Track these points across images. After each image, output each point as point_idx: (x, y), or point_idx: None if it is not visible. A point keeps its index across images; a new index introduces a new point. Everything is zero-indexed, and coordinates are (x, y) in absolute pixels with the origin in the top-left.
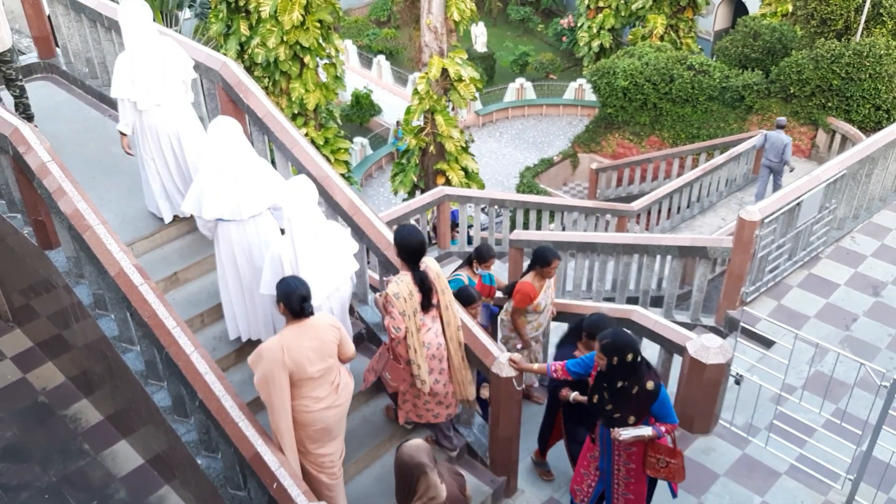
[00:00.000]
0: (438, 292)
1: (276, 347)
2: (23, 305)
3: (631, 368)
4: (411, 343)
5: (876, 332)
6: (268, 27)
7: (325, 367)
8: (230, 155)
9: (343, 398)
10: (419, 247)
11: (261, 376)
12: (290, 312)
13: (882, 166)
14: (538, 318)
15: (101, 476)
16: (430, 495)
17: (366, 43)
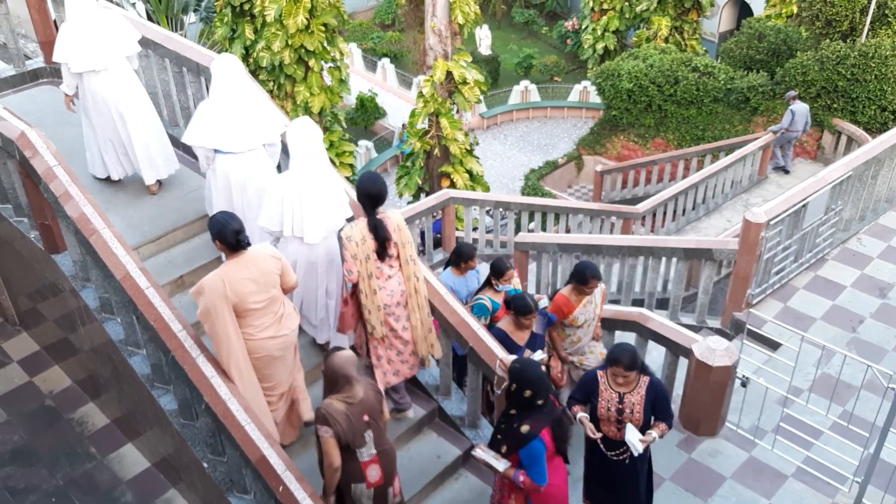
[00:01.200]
0: (399, 245)
1: (216, 280)
2: (29, 309)
3: (522, 403)
4: (363, 288)
5: (883, 334)
6: (272, 31)
7: (268, 297)
8: (229, 89)
9: (287, 329)
10: (377, 193)
11: (203, 309)
12: (227, 247)
13: (888, 167)
14: (576, 332)
15: (107, 479)
16: (348, 394)
17: (370, 46)
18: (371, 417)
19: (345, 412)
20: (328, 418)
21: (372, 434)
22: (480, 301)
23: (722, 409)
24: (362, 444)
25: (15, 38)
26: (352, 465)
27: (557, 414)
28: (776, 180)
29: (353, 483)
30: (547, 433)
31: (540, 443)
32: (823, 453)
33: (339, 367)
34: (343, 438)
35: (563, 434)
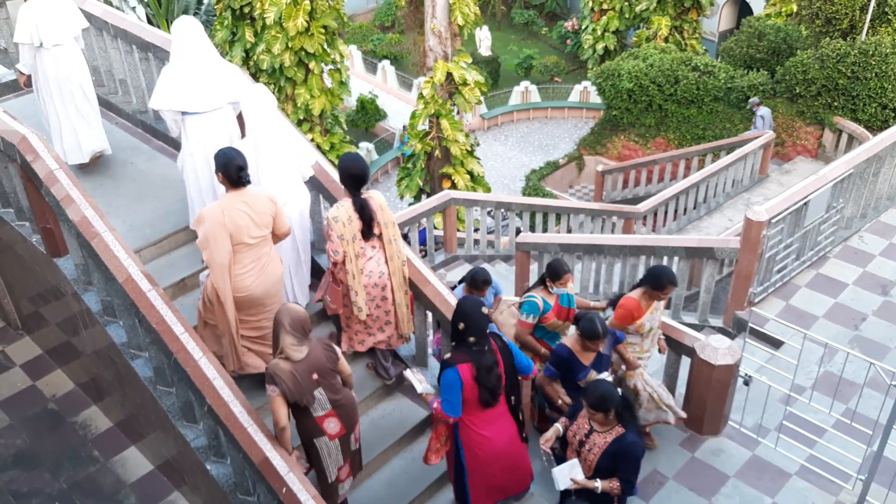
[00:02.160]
0: (381, 224)
1: (216, 209)
2: (32, 313)
3: (456, 336)
4: (349, 268)
5: (885, 332)
6: (273, 33)
7: (261, 235)
8: (190, 51)
9: (267, 274)
10: (360, 174)
11: (203, 236)
12: (229, 181)
13: (889, 165)
14: (641, 342)
15: (111, 482)
16: (285, 350)
17: (370, 48)
18: (321, 376)
19: (291, 371)
20: (274, 377)
21: (323, 391)
22: (532, 299)
23: (725, 408)
24: (312, 402)
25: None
26: (308, 421)
27: (487, 360)
28: (777, 179)
29: (314, 438)
30: (467, 370)
31: (455, 373)
32: (827, 451)
33: (276, 323)
34: (290, 397)
35: (486, 380)
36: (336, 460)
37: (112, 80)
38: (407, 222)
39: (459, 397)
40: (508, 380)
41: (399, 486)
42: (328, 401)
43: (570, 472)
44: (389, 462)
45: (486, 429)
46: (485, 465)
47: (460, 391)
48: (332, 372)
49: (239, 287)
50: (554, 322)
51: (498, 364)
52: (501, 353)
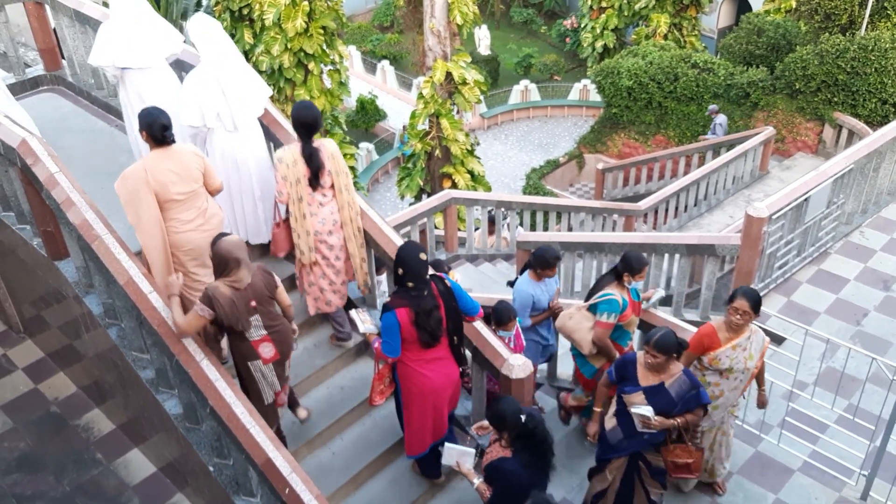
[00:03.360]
0: (332, 174)
1: (139, 168)
2: (33, 316)
3: (397, 281)
4: (293, 211)
5: (887, 327)
6: (272, 35)
7: (189, 190)
8: (127, 7)
9: (211, 225)
10: (312, 122)
11: (126, 196)
12: (153, 140)
13: (890, 160)
14: (720, 382)
15: (114, 485)
16: (234, 278)
17: (369, 48)
18: (259, 303)
19: (230, 297)
20: (212, 301)
21: (260, 318)
22: (610, 297)
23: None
24: (248, 328)
25: (15, 46)
26: (243, 345)
27: (426, 304)
28: (778, 175)
29: (248, 362)
30: (405, 313)
31: (392, 317)
32: (830, 447)
33: (226, 251)
34: (226, 321)
35: (424, 323)
36: (272, 384)
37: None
38: (408, 222)
39: (398, 339)
40: (451, 321)
41: (403, 483)
42: (263, 326)
43: (460, 456)
44: (352, 425)
45: (425, 368)
46: (422, 402)
47: (398, 333)
48: (270, 299)
49: (182, 241)
50: (632, 319)
51: (438, 307)
52: (443, 296)
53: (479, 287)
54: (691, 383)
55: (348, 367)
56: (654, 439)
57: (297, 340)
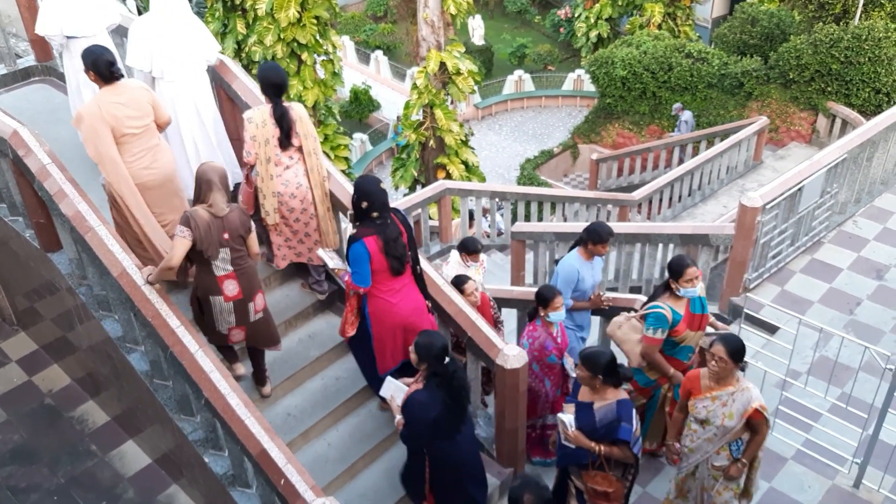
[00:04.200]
0: (301, 136)
1: (93, 105)
2: (27, 308)
3: (360, 214)
4: (260, 172)
5: (880, 316)
6: (264, 25)
7: (143, 125)
8: None
9: (160, 163)
10: (280, 81)
11: (85, 133)
12: (101, 77)
13: (883, 149)
14: (697, 429)
15: (109, 476)
16: (211, 202)
17: (363, 38)
18: (231, 237)
19: (207, 221)
20: (190, 221)
21: (229, 252)
22: (658, 310)
23: None
24: (216, 257)
25: (5, 36)
26: (208, 277)
27: (392, 232)
28: (771, 164)
29: (210, 296)
30: (373, 242)
31: (362, 246)
32: (823, 435)
33: (201, 172)
34: (199, 244)
35: (392, 250)
36: (227, 320)
37: None
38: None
39: (367, 268)
40: (412, 249)
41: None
42: (231, 262)
43: (396, 391)
44: (348, 416)
45: (393, 297)
46: (390, 329)
47: (368, 263)
48: (242, 238)
49: (139, 175)
50: (686, 335)
51: (402, 234)
52: (403, 224)
53: None
54: (616, 414)
55: (342, 359)
56: (577, 456)
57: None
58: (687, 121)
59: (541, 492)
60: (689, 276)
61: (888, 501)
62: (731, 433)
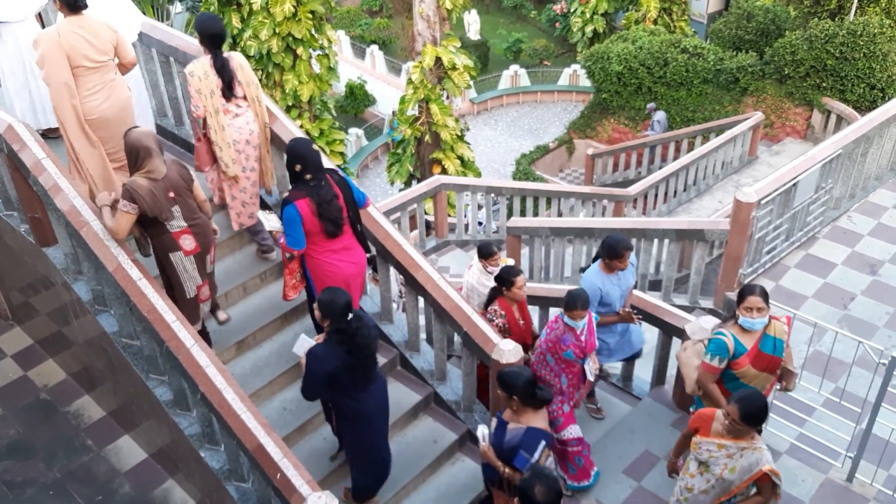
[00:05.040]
0: (244, 84)
1: (53, 31)
2: (22, 303)
3: (294, 177)
4: (212, 124)
5: (874, 311)
6: (259, 19)
7: (101, 61)
8: None
9: (115, 98)
10: (218, 32)
11: (40, 55)
12: (66, 6)
13: (877, 145)
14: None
15: (105, 471)
16: (149, 168)
17: (358, 33)
18: (177, 194)
19: (149, 188)
20: (133, 194)
21: (180, 209)
22: (720, 337)
23: None
24: (171, 218)
25: None
26: (164, 237)
27: (326, 194)
28: (766, 160)
29: (170, 253)
30: (305, 205)
31: (293, 209)
32: (816, 430)
33: (134, 140)
34: (150, 212)
35: (326, 212)
36: (193, 277)
37: None
38: (398, 208)
39: (301, 231)
40: (351, 210)
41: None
42: (184, 218)
43: (303, 347)
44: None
45: (332, 257)
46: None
47: (301, 225)
48: (188, 191)
49: (88, 109)
50: (747, 371)
51: (337, 197)
52: (340, 185)
53: None
54: (520, 440)
55: None
56: (489, 471)
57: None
58: (660, 120)
59: (551, 484)
60: (750, 303)
61: (881, 495)
62: (730, 490)
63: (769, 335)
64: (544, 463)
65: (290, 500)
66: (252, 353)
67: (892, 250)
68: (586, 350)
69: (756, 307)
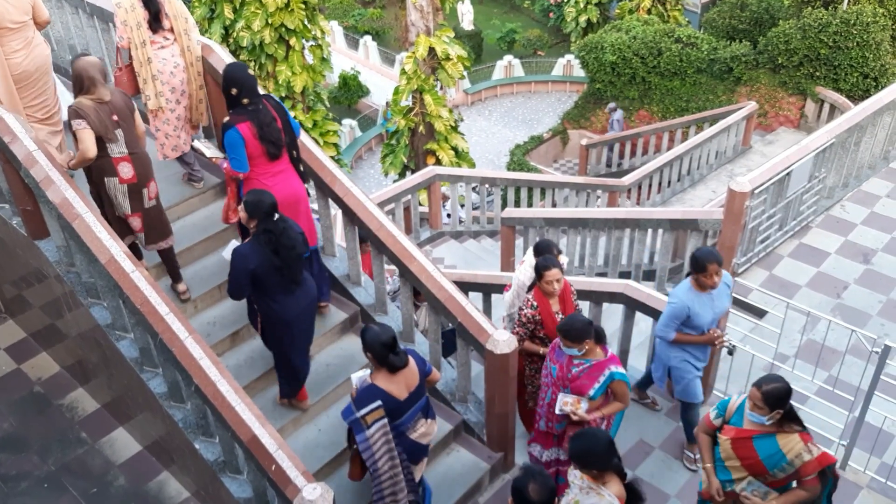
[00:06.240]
0: (171, 17)
1: None
2: (14, 296)
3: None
4: (137, 56)
5: (867, 299)
6: (252, 10)
7: (21, 21)
8: None
9: (36, 53)
10: None
11: None
12: None
13: (870, 134)
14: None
15: (99, 464)
16: (94, 95)
17: (351, 24)
18: (121, 118)
19: (94, 107)
20: (79, 112)
21: (123, 134)
22: (730, 396)
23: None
24: (114, 140)
25: None
26: (104, 160)
27: (265, 117)
28: (760, 150)
29: (105, 177)
30: (247, 128)
31: (235, 132)
32: (810, 418)
33: (80, 68)
34: (95, 130)
35: (267, 134)
36: (123, 205)
37: None
38: (392, 199)
39: (244, 154)
40: (288, 135)
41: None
42: (126, 144)
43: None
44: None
45: (270, 180)
46: None
47: (244, 148)
48: (130, 117)
49: (13, 65)
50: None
51: (275, 120)
52: (277, 110)
53: (462, 263)
54: (358, 393)
55: (333, 345)
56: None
57: None
58: (619, 119)
59: (545, 481)
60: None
61: (874, 482)
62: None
63: (775, 440)
64: (370, 425)
65: (285, 492)
66: (246, 345)
67: (884, 239)
68: (563, 380)
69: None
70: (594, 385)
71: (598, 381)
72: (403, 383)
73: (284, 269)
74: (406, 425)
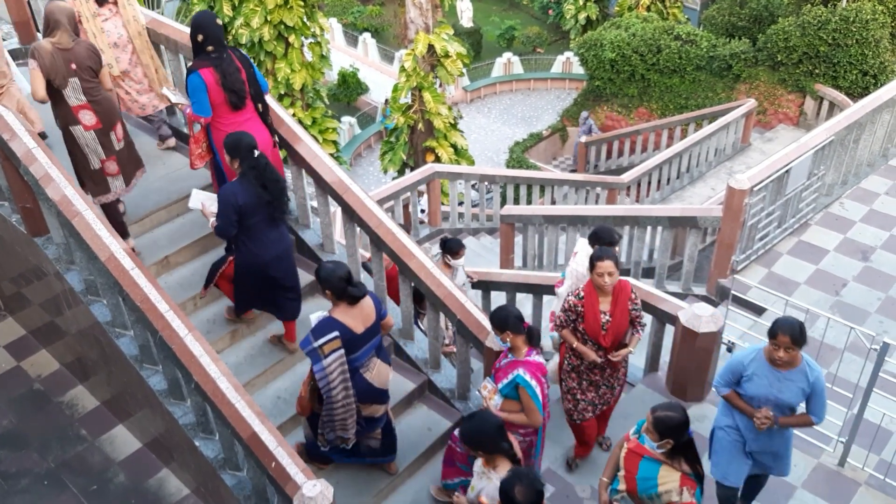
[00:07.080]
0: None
1: None
2: (14, 294)
3: (196, 49)
4: (89, 29)
5: (865, 297)
6: (251, 7)
7: None
8: None
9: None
10: None
11: None
12: None
13: (869, 131)
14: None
15: (99, 461)
16: (57, 39)
17: (351, 21)
18: (79, 68)
19: (51, 52)
20: (35, 53)
21: (79, 82)
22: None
23: (708, 375)
24: (64, 86)
25: None
26: (63, 108)
27: (228, 67)
28: (759, 147)
29: (70, 126)
30: (210, 74)
31: (198, 77)
32: None
33: (49, 11)
34: (45, 73)
35: (230, 83)
36: (96, 152)
37: None
38: (391, 196)
39: (206, 98)
40: (253, 88)
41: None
42: (83, 92)
43: (205, 198)
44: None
45: (237, 129)
46: None
47: (206, 93)
48: (91, 70)
49: None
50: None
51: (239, 70)
52: (242, 62)
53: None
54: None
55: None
56: None
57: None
58: (590, 126)
59: (533, 483)
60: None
61: (873, 479)
62: None
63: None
64: (327, 355)
65: (285, 489)
66: (246, 341)
67: (883, 236)
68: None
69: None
70: (502, 381)
71: (507, 377)
72: (360, 318)
73: (274, 202)
74: (361, 361)
